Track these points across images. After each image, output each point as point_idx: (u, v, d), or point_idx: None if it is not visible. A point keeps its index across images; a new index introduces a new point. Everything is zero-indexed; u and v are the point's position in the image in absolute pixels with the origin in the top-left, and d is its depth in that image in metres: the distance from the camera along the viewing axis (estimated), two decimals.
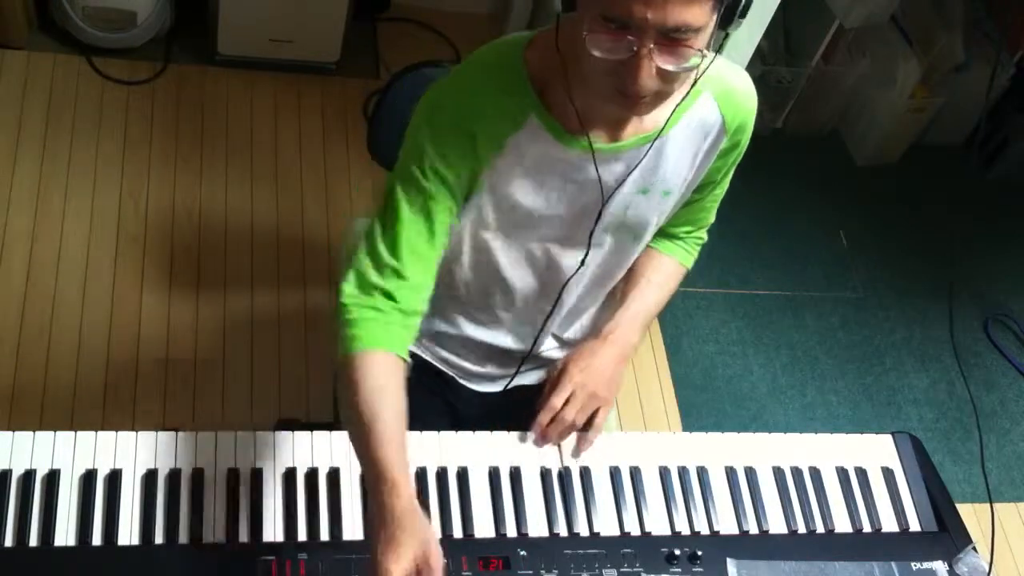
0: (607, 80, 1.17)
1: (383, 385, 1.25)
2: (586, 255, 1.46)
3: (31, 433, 1.31)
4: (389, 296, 1.30)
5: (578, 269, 1.48)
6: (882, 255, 3.16)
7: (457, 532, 1.35)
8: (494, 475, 1.41)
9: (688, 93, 1.29)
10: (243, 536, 1.29)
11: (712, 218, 1.62)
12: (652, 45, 1.12)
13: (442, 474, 1.40)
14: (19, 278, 2.44)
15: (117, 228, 2.58)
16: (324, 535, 1.31)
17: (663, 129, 1.34)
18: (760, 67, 3.02)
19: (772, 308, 2.90)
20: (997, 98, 3.31)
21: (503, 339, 1.61)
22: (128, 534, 1.27)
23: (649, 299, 1.58)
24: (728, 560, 1.39)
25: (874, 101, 3.25)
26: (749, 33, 2.11)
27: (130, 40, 2.85)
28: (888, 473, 1.55)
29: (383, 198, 1.34)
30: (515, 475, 1.42)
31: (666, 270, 1.61)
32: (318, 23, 2.88)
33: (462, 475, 1.40)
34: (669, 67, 1.14)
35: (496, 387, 1.68)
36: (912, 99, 3.17)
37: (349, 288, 1.31)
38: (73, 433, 1.32)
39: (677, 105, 1.31)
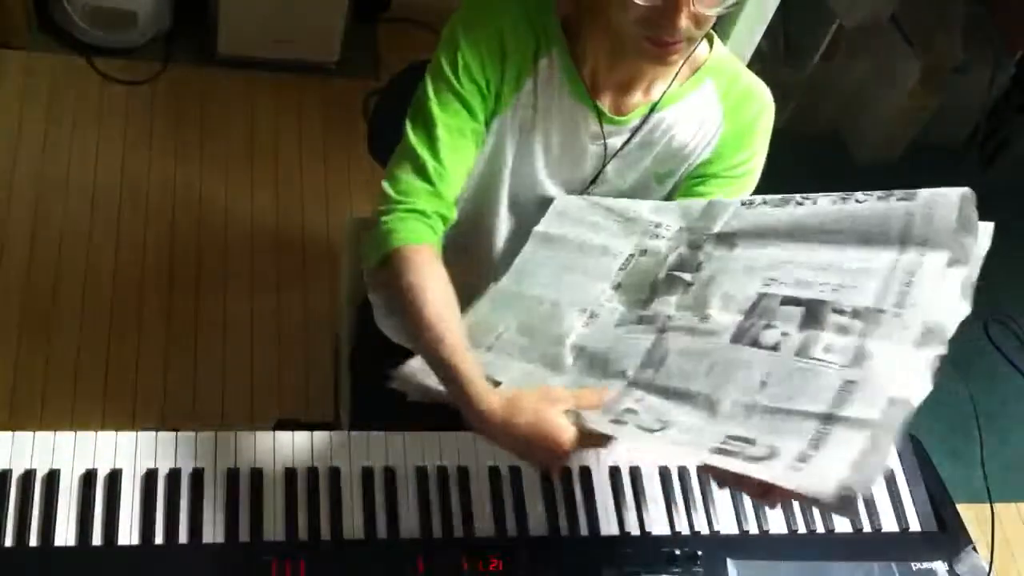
0: (638, 29, 1.19)
1: (441, 288, 1.25)
2: None
3: (31, 433, 1.31)
4: (430, 196, 1.31)
5: None
6: None
7: (457, 532, 1.35)
8: (494, 474, 1.41)
9: (690, 54, 1.31)
10: (243, 536, 1.28)
11: None
12: None
13: (442, 474, 1.40)
14: (19, 278, 2.44)
15: (117, 228, 2.58)
16: (325, 535, 1.31)
17: (662, 99, 1.36)
18: (760, 67, 3.03)
19: None
20: (997, 98, 3.32)
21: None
22: (128, 534, 1.26)
23: None
24: (728, 560, 1.39)
25: (874, 101, 3.25)
26: (749, 33, 2.11)
27: (130, 40, 2.85)
28: (888, 473, 1.55)
29: (416, 100, 1.35)
30: (515, 474, 1.42)
31: None
32: (318, 23, 2.88)
33: (462, 475, 1.40)
34: (708, 11, 1.17)
35: None
36: (912, 99, 3.17)
37: (388, 188, 1.32)
38: (73, 433, 1.32)
39: (678, 71, 1.34)
